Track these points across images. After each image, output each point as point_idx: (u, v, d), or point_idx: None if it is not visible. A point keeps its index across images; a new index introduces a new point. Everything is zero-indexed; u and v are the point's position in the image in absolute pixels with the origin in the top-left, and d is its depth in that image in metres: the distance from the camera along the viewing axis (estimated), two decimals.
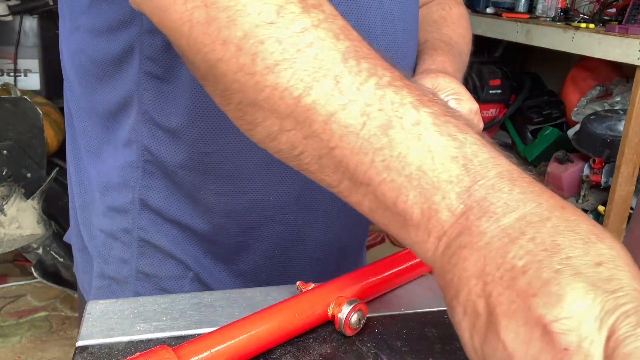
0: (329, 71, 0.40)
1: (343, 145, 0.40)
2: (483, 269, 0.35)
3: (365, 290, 0.60)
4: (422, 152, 0.38)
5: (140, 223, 0.72)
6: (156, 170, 0.69)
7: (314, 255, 0.78)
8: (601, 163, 2.64)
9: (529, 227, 0.35)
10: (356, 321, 0.55)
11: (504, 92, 3.57)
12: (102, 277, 0.77)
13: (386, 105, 0.39)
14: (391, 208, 0.40)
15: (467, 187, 0.37)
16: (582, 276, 0.32)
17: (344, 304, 0.55)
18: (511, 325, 0.33)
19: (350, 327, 0.55)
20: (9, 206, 2.00)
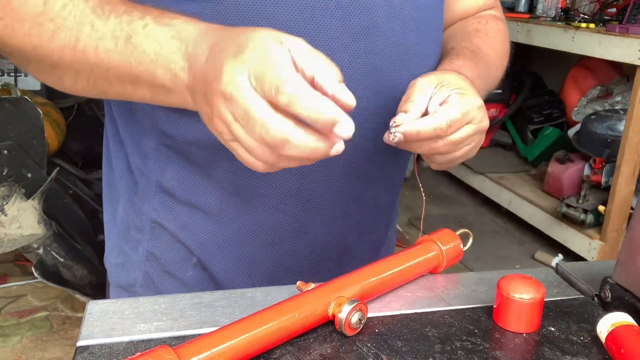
0: (85, 22, 0.58)
1: (112, 63, 0.59)
2: (202, 87, 0.54)
3: (366, 290, 0.60)
4: (153, 43, 0.57)
5: (154, 205, 0.77)
6: (170, 152, 0.74)
7: (315, 250, 0.79)
8: (601, 163, 2.64)
9: (214, 46, 0.53)
10: (356, 321, 0.55)
11: (504, 91, 3.57)
12: (120, 254, 0.83)
13: (124, 26, 0.58)
14: (157, 87, 0.59)
15: (185, 50, 0.56)
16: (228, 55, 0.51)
17: (344, 304, 0.55)
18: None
19: (350, 327, 0.55)
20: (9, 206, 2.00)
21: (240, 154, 0.54)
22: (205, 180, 0.74)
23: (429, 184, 3.80)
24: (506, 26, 0.91)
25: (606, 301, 0.63)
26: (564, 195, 2.81)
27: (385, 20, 0.70)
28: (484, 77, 0.78)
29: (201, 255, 0.77)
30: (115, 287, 0.85)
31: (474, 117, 0.65)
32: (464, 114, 0.64)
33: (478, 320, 0.60)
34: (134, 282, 0.81)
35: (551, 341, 0.57)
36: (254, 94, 0.48)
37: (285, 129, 0.48)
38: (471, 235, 0.72)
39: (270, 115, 0.48)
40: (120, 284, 0.84)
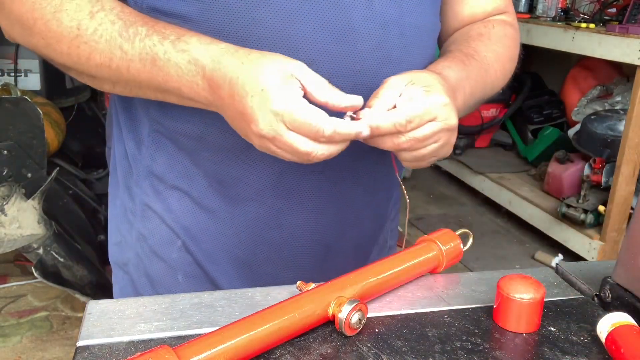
0: (115, 46, 0.66)
1: (142, 79, 0.67)
2: (233, 115, 0.65)
3: (366, 290, 0.60)
4: (174, 67, 0.64)
5: (145, 188, 0.81)
6: (162, 138, 0.78)
7: (293, 245, 0.80)
8: (601, 163, 2.64)
9: (234, 80, 0.62)
10: (356, 321, 0.55)
11: (504, 91, 3.51)
12: (118, 233, 0.88)
13: (148, 50, 0.65)
14: (184, 98, 0.67)
15: (203, 74, 0.64)
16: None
17: (344, 304, 0.55)
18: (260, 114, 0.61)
19: (350, 327, 0.55)
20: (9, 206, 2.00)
21: (279, 155, 0.64)
22: (192, 167, 0.78)
23: (429, 184, 3.80)
24: (517, 31, 0.90)
25: (606, 301, 0.63)
26: (564, 195, 2.81)
27: (362, 22, 0.71)
28: (474, 80, 0.77)
29: (185, 239, 0.81)
30: (114, 264, 0.90)
31: (438, 114, 0.65)
32: (425, 111, 0.64)
33: (478, 320, 0.60)
34: (128, 262, 0.86)
35: (551, 341, 0.57)
36: (290, 134, 0.61)
37: (310, 147, 0.62)
38: (471, 235, 0.72)
39: (310, 146, 0.62)
40: (118, 262, 0.89)
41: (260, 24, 0.68)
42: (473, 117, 3.59)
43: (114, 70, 0.67)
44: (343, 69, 0.71)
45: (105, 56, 0.67)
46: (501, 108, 3.62)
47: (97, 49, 0.67)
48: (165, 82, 0.66)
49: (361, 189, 0.82)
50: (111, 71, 0.68)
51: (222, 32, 0.67)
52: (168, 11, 0.69)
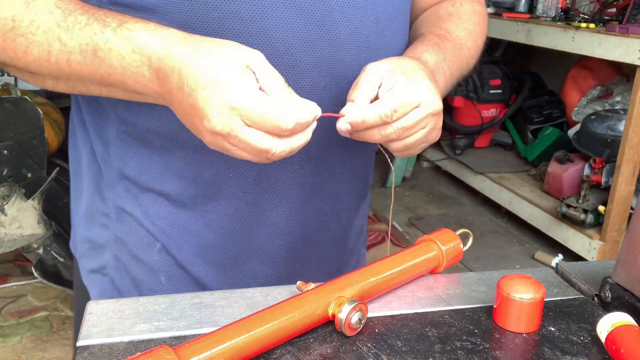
0: (54, 37, 0.61)
1: (84, 72, 0.62)
2: (181, 110, 0.61)
3: (366, 290, 0.60)
4: (117, 57, 0.60)
5: (118, 192, 0.78)
6: (131, 140, 0.74)
7: (276, 240, 0.79)
8: (601, 163, 2.64)
9: (182, 70, 0.58)
10: (356, 321, 0.55)
11: (504, 91, 3.57)
12: (87, 242, 0.84)
13: (88, 40, 0.60)
14: (129, 92, 0.63)
15: (149, 64, 0.59)
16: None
17: (344, 304, 0.55)
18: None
19: (350, 327, 0.55)
20: (9, 206, 2.00)
21: (234, 154, 0.61)
22: (165, 168, 0.75)
23: (429, 184, 3.80)
24: (484, 7, 0.90)
25: (606, 301, 0.63)
26: (564, 195, 2.81)
27: (340, 8, 0.69)
28: (450, 61, 0.77)
29: (165, 241, 0.78)
30: (88, 273, 0.85)
31: (422, 100, 0.64)
32: (411, 98, 0.63)
33: (478, 320, 0.60)
34: (105, 264, 0.82)
35: (551, 341, 0.57)
36: (247, 129, 0.57)
37: (270, 144, 0.58)
38: (471, 235, 0.72)
39: (270, 142, 0.58)
40: (93, 268, 0.84)
41: (234, 15, 0.64)
42: (473, 117, 3.60)
43: (53, 64, 0.62)
44: (321, 58, 0.69)
45: (43, 49, 0.62)
46: (501, 108, 3.62)
47: (35, 42, 0.61)
48: (108, 75, 0.62)
49: (344, 179, 0.81)
50: (50, 65, 0.63)
51: (193, 25, 0.64)
52: (132, 3, 0.65)
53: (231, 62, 0.57)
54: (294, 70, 0.68)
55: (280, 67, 0.66)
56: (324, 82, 0.70)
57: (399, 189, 3.70)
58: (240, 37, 0.64)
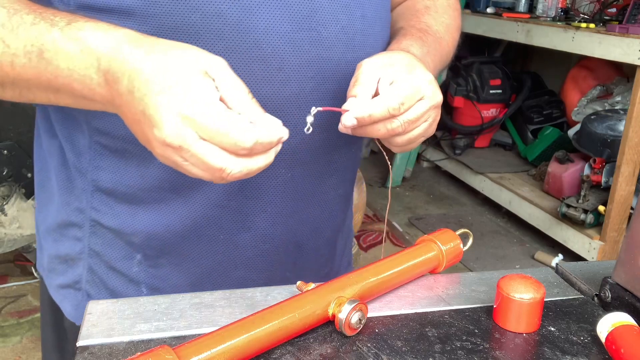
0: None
1: (29, 76, 0.58)
2: (131, 118, 0.55)
3: (366, 290, 0.60)
4: (64, 58, 0.55)
5: (93, 203, 0.74)
6: (105, 150, 0.71)
7: (263, 247, 0.76)
8: (601, 163, 2.64)
9: (135, 73, 0.53)
10: (357, 321, 0.55)
11: (504, 91, 3.57)
12: (55, 257, 0.80)
13: (34, 41, 0.56)
14: (77, 97, 0.58)
15: (98, 66, 0.55)
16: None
17: (344, 304, 0.55)
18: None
19: (350, 327, 0.55)
20: (9, 206, 2.00)
21: (185, 170, 0.56)
22: (143, 178, 0.71)
23: (429, 184, 3.80)
24: (457, 1, 0.90)
25: (606, 301, 0.63)
26: (564, 195, 2.81)
27: (328, 6, 0.67)
28: (433, 54, 0.76)
29: (145, 252, 0.75)
30: (59, 288, 0.81)
31: (425, 92, 0.63)
32: (415, 90, 0.62)
33: (478, 320, 0.60)
34: (79, 279, 0.78)
35: (551, 341, 0.57)
36: (201, 143, 0.52)
37: (225, 163, 0.53)
38: (471, 236, 0.72)
39: (226, 161, 0.53)
40: (64, 283, 0.80)
41: (217, 15, 0.61)
42: (473, 117, 3.60)
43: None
44: (308, 58, 0.67)
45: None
46: (501, 108, 3.62)
47: None
48: (54, 78, 0.57)
49: (332, 182, 0.79)
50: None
51: (175, 28, 0.61)
52: (105, 6, 0.60)
53: (189, 67, 0.52)
54: (281, 72, 0.66)
55: (268, 69, 0.65)
56: (312, 84, 0.69)
57: (399, 189, 3.70)
58: (225, 39, 0.62)
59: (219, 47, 0.63)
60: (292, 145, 0.70)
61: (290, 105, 0.68)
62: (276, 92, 0.67)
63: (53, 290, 0.82)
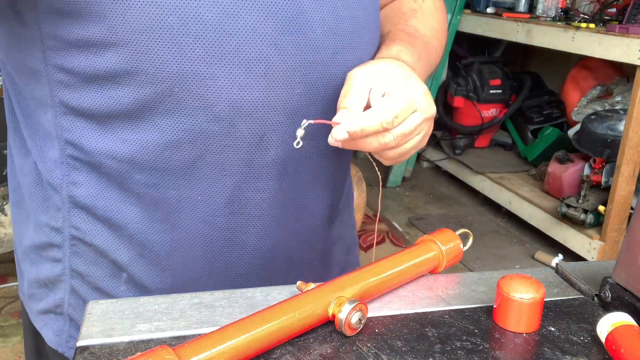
0: None
1: None
2: None
3: (366, 290, 0.60)
4: None
5: (72, 221, 0.70)
6: (80, 164, 0.67)
7: (256, 262, 0.74)
8: (601, 163, 2.64)
9: None
10: (357, 321, 0.55)
11: (504, 91, 3.57)
12: (34, 282, 0.76)
13: None
14: None
15: None
16: None
17: (344, 304, 0.55)
18: None
19: (350, 327, 0.55)
20: (9, 206, 2.00)
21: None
22: (123, 195, 0.68)
23: (429, 184, 3.80)
24: (443, 2, 0.87)
25: (606, 301, 0.63)
26: (564, 195, 2.81)
27: (314, 7, 0.64)
28: (423, 60, 0.74)
29: (131, 271, 0.72)
30: (39, 314, 0.77)
31: (419, 105, 0.61)
32: (409, 103, 0.60)
33: (478, 320, 0.60)
34: (60, 302, 0.75)
35: (551, 341, 0.57)
36: None
37: None
38: (471, 236, 0.72)
39: None
40: (45, 309, 0.76)
41: (196, 19, 0.58)
42: (473, 117, 3.60)
43: None
44: (295, 63, 0.64)
45: None
46: (501, 108, 3.62)
47: None
48: None
49: (323, 193, 0.77)
50: None
51: (150, 30, 0.57)
52: (73, 10, 0.57)
53: None
54: (266, 77, 0.63)
55: (252, 75, 0.62)
56: (300, 89, 0.66)
57: (398, 189, 3.70)
58: (204, 43, 0.59)
59: (199, 52, 0.59)
60: (281, 156, 0.68)
61: (278, 112, 0.66)
62: (262, 99, 0.64)
63: (34, 317, 0.78)
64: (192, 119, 0.63)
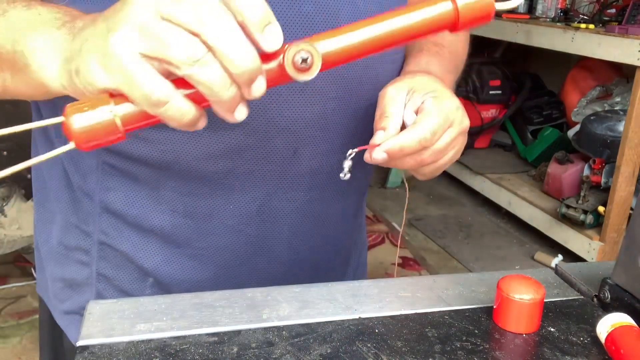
0: None
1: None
2: None
3: (345, 45, 0.47)
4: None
5: (101, 226, 0.72)
6: (115, 171, 0.68)
7: (279, 270, 0.75)
8: (601, 163, 2.64)
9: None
10: (300, 60, 0.45)
11: (504, 92, 3.57)
12: (59, 280, 0.76)
13: None
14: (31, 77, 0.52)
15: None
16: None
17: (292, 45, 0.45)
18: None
19: (296, 66, 0.45)
20: (9, 207, 2.00)
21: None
22: (155, 202, 0.69)
23: (429, 185, 3.80)
24: None
25: (606, 302, 0.63)
26: (564, 195, 2.81)
27: (347, 21, 0.61)
28: (452, 72, 0.74)
29: (158, 277, 0.73)
30: (64, 314, 0.78)
31: (454, 119, 0.61)
32: (445, 119, 0.60)
33: (478, 321, 0.60)
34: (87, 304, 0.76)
35: (551, 342, 0.57)
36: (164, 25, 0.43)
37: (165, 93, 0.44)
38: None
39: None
40: (70, 310, 0.77)
41: None
42: (473, 118, 3.60)
43: None
44: (330, 78, 0.64)
45: None
46: (501, 109, 3.62)
47: None
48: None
49: (350, 201, 0.78)
50: None
51: None
52: None
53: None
54: (303, 94, 0.64)
55: (290, 92, 0.62)
56: (334, 104, 0.66)
57: (398, 189, 3.70)
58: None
59: None
60: (312, 168, 0.70)
61: (312, 127, 0.67)
62: (299, 115, 0.65)
63: (58, 316, 0.79)
64: (228, 132, 0.64)
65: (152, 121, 0.45)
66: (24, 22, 0.52)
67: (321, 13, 0.64)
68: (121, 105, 0.44)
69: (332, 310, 0.60)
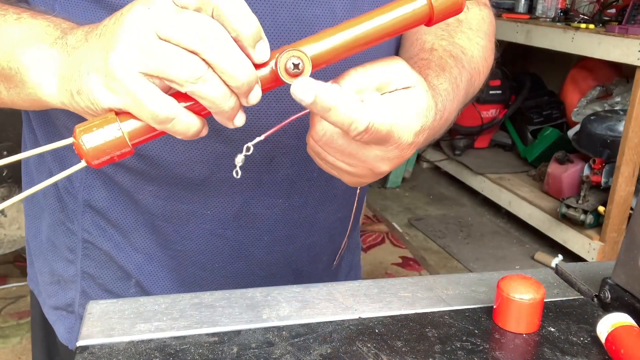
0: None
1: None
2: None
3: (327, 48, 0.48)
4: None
5: (85, 225, 0.73)
6: (98, 175, 0.69)
7: (260, 274, 0.75)
8: (601, 163, 2.64)
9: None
10: (292, 66, 0.46)
11: (504, 92, 3.57)
12: (48, 274, 0.78)
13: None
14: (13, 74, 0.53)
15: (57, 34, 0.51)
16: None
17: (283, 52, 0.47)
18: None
19: (287, 71, 0.46)
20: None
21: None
22: (135, 205, 0.69)
23: (429, 185, 3.80)
24: (491, 11, 0.77)
25: (606, 302, 0.63)
26: (564, 195, 2.81)
27: (324, 21, 0.64)
28: (460, 99, 0.65)
29: (140, 277, 0.73)
30: (52, 309, 0.79)
31: (397, 137, 0.50)
32: (389, 130, 0.49)
33: (478, 321, 0.60)
34: (72, 302, 0.76)
35: (551, 342, 0.57)
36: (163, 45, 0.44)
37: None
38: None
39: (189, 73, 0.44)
40: (57, 305, 0.78)
41: None
42: (473, 118, 3.60)
43: None
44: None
45: None
46: (501, 109, 3.62)
47: None
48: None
49: (333, 206, 0.76)
50: None
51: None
52: None
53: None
54: (280, 103, 0.64)
55: (268, 101, 0.62)
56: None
57: (398, 189, 3.70)
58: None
59: None
60: (289, 176, 0.69)
61: (288, 135, 0.67)
62: (275, 124, 0.60)
63: (47, 310, 0.80)
64: (205, 140, 0.64)
65: (158, 133, 0.47)
66: (16, 37, 0.53)
67: (297, 21, 0.63)
68: (128, 121, 0.46)
69: (332, 311, 0.60)
